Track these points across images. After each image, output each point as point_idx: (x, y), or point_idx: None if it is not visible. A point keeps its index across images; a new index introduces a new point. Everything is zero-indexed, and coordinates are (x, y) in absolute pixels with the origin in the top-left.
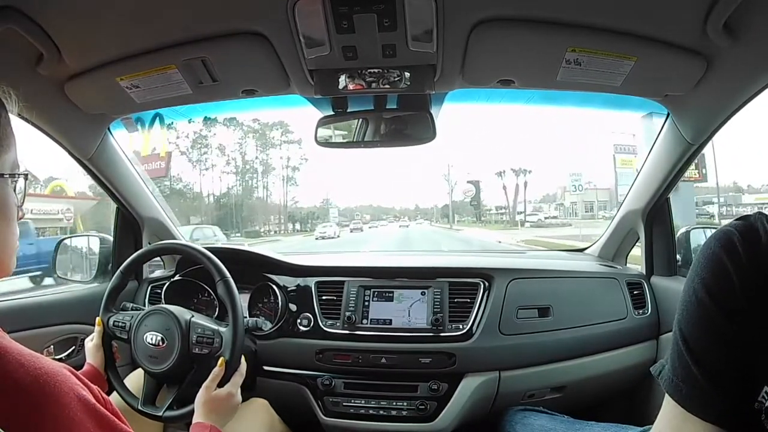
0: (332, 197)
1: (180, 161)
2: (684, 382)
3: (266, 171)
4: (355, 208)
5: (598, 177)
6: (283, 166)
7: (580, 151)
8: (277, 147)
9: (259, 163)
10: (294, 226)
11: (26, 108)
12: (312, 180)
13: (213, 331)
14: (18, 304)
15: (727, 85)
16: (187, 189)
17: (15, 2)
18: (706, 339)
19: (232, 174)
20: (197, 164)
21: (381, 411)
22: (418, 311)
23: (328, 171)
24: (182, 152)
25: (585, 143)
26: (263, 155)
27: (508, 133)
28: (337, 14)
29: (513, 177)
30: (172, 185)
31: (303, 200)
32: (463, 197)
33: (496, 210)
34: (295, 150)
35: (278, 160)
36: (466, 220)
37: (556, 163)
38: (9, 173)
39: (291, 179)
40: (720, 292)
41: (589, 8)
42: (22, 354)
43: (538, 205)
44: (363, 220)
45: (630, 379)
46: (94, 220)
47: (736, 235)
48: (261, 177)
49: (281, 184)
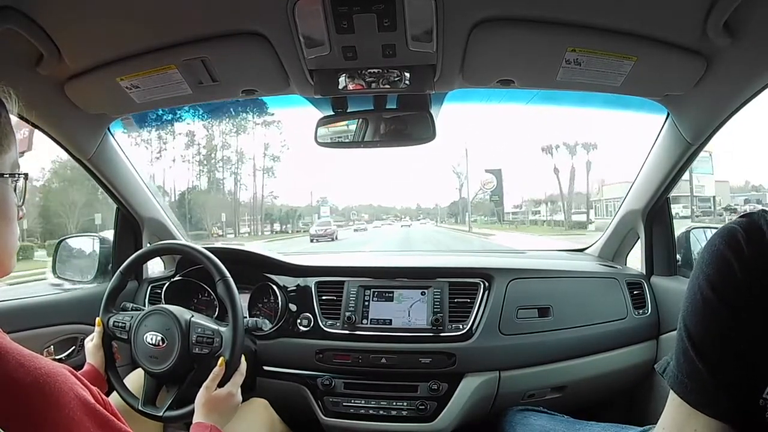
0: (328, 195)
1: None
2: (689, 378)
3: (231, 161)
4: (353, 207)
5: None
6: (256, 156)
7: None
8: (249, 132)
9: (222, 150)
10: (273, 226)
11: (26, 108)
12: (298, 173)
13: (213, 330)
14: (18, 304)
15: (727, 85)
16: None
17: (15, 2)
18: (711, 335)
19: (194, 162)
20: (143, 146)
21: (381, 411)
22: (418, 311)
23: (320, 165)
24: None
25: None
26: (230, 140)
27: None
28: (337, 14)
29: (564, 157)
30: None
31: (290, 198)
32: (480, 191)
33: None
34: (275, 135)
35: (251, 148)
36: (480, 220)
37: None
38: (9, 173)
39: (269, 171)
40: (724, 288)
41: (589, 8)
42: (21, 354)
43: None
44: (361, 220)
45: (630, 379)
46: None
47: (740, 232)
48: (225, 168)
49: (257, 176)
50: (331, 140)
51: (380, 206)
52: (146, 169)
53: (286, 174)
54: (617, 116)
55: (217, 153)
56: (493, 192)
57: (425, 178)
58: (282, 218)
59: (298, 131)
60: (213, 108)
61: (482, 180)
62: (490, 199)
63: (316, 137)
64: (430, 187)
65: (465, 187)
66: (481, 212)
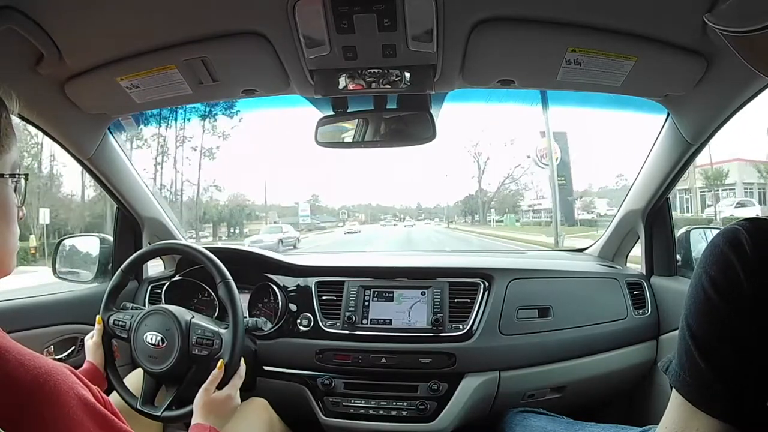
0: (321, 194)
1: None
2: (691, 377)
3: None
4: (346, 207)
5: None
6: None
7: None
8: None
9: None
10: (216, 229)
11: (27, 108)
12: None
13: (213, 332)
14: (18, 304)
15: (727, 85)
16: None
17: (15, 2)
18: (714, 334)
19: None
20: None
21: (381, 411)
22: (418, 311)
23: (313, 162)
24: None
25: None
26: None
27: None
28: (337, 14)
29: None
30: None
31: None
32: (509, 179)
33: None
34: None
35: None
36: (507, 219)
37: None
38: (9, 173)
39: (209, 153)
40: (727, 287)
41: (589, 8)
42: (22, 354)
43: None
44: (354, 221)
45: (630, 380)
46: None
47: (743, 233)
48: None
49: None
50: (331, 141)
51: (379, 205)
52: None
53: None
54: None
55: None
56: (560, 168)
57: (429, 173)
58: (227, 218)
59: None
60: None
61: (537, 149)
62: (557, 179)
63: (316, 137)
64: (433, 184)
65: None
66: (504, 209)
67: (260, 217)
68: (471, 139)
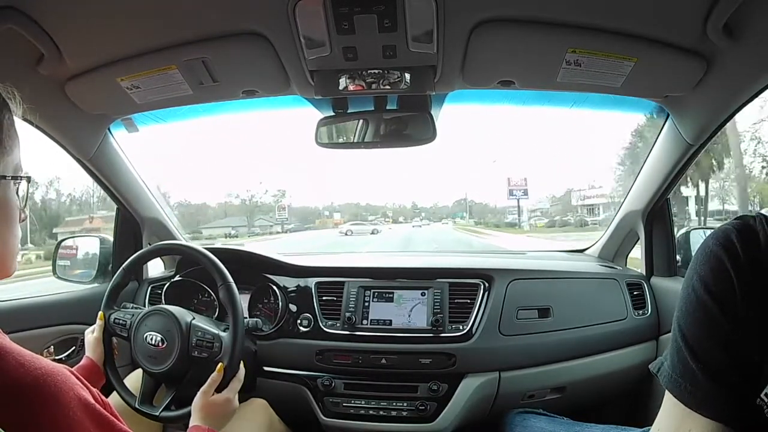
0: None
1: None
2: (683, 378)
3: None
4: (331, 207)
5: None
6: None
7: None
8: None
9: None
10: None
11: (29, 110)
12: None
13: (213, 335)
14: (18, 305)
15: (727, 85)
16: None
17: (15, 2)
18: (705, 335)
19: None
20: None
21: (381, 411)
22: (418, 312)
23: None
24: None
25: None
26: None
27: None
28: (338, 15)
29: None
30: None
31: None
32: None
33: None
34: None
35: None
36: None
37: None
38: (12, 175)
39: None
40: (718, 289)
41: (589, 9)
42: (22, 354)
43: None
44: (337, 221)
45: (630, 380)
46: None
47: (734, 233)
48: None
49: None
50: (331, 141)
51: (368, 205)
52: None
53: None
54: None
55: None
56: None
57: (426, 171)
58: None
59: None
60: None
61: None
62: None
63: (317, 138)
64: (434, 181)
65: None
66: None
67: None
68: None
